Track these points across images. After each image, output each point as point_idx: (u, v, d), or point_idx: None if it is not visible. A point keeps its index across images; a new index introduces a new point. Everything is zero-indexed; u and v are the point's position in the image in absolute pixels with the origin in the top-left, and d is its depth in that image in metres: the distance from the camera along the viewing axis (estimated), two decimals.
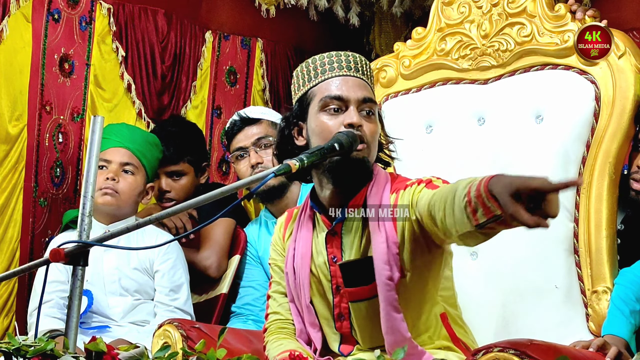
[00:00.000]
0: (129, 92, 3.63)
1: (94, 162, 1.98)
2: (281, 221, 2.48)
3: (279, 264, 2.42)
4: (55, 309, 2.97)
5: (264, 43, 4.16)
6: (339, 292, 2.29)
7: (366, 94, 2.28)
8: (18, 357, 1.74)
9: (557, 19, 2.74)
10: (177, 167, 3.42)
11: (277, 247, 2.45)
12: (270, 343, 2.36)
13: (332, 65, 2.30)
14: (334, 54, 2.32)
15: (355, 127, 2.22)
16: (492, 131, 2.80)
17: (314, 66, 2.32)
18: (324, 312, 2.33)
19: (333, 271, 2.29)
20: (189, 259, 3.24)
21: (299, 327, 2.35)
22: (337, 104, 2.25)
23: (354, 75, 2.29)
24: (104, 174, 3.06)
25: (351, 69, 2.30)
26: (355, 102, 2.25)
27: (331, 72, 2.29)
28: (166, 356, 1.77)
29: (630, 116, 2.60)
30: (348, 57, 2.32)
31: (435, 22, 2.97)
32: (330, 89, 2.27)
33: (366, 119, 2.26)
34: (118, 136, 3.14)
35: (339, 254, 2.29)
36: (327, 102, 2.26)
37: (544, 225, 1.66)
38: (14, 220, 3.29)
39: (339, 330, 2.32)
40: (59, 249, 1.86)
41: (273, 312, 2.41)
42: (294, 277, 2.34)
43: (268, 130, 3.28)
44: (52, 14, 3.39)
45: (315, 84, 2.30)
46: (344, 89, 2.26)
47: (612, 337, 2.35)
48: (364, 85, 2.30)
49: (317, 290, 2.32)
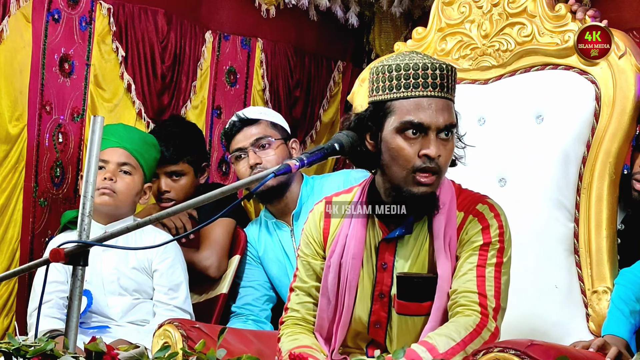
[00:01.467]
0: (129, 92, 3.62)
1: (94, 162, 1.98)
2: (320, 210, 2.35)
3: (310, 260, 2.34)
4: (54, 309, 2.97)
5: (264, 43, 4.16)
6: (380, 300, 2.24)
7: (449, 120, 2.15)
8: (18, 357, 1.74)
9: (557, 19, 2.74)
10: (177, 167, 3.42)
11: (310, 241, 2.35)
12: (285, 336, 2.30)
13: (417, 81, 2.14)
14: (420, 64, 2.15)
15: (431, 158, 2.14)
16: (492, 131, 2.80)
17: (397, 74, 2.16)
18: (358, 316, 2.27)
19: (380, 277, 2.24)
20: (189, 259, 3.24)
21: (321, 322, 2.30)
22: (417, 129, 2.15)
23: (439, 95, 2.15)
24: (102, 174, 3.06)
25: (436, 86, 2.15)
26: (436, 129, 2.15)
27: (415, 90, 2.14)
28: (166, 356, 1.77)
29: (630, 116, 2.61)
30: (435, 70, 2.15)
31: (436, 22, 2.97)
32: (411, 112, 2.14)
33: (444, 143, 2.16)
34: (115, 136, 3.13)
35: (391, 262, 2.24)
36: (406, 126, 2.14)
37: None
38: (14, 220, 3.28)
39: (371, 336, 2.27)
40: (59, 249, 1.86)
41: (293, 308, 2.35)
42: (338, 274, 2.26)
43: (267, 130, 3.27)
44: (52, 14, 3.38)
45: (397, 97, 2.16)
46: (428, 114, 2.13)
47: (612, 337, 2.35)
48: (447, 107, 2.16)
49: (358, 292, 2.26)
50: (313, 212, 2.38)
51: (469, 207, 2.24)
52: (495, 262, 2.19)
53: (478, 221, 2.21)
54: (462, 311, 2.13)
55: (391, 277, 2.23)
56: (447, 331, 2.09)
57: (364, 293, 2.26)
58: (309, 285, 2.34)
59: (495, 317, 2.14)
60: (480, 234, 2.20)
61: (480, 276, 2.17)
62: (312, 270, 2.33)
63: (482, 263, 2.18)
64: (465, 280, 2.17)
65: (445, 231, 2.20)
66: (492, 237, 2.20)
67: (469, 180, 2.75)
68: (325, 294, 2.29)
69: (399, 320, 2.23)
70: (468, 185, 2.71)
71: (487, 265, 2.18)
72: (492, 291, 2.16)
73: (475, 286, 2.15)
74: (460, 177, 2.76)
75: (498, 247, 2.20)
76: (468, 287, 2.15)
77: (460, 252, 2.21)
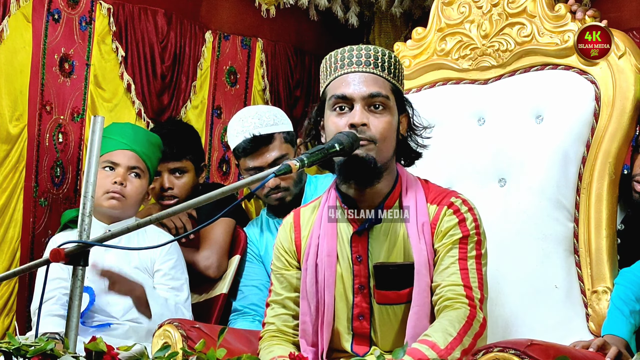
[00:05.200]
0: (129, 92, 3.63)
1: (94, 162, 1.98)
2: (289, 221, 2.44)
3: (283, 272, 2.39)
4: (58, 306, 2.98)
5: (264, 43, 4.16)
6: (361, 292, 2.28)
7: (373, 89, 2.25)
8: (18, 357, 1.74)
9: (557, 19, 2.74)
10: (180, 164, 3.41)
11: (282, 253, 2.41)
12: (262, 350, 2.35)
13: (342, 62, 2.28)
14: (347, 49, 2.30)
15: (357, 126, 2.21)
16: (492, 131, 2.80)
17: (330, 62, 2.31)
18: (341, 311, 2.31)
19: (357, 270, 2.28)
20: (189, 259, 3.24)
21: (304, 327, 2.33)
22: (343, 103, 2.25)
23: (363, 70, 2.26)
24: (111, 176, 3.07)
25: (361, 63, 2.27)
26: (360, 99, 2.24)
27: (341, 70, 2.28)
28: (166, 356, 1.77)
29: (630, 116, 2.61)
30: (360, 51, 2.28)
31: (435, 22, 2.97)
32: (338, 88, 2.26)
33: (375, 114, 2.24)
34: (125, 138, 3.13)
35: (365, 254, 2.28)
36: (334, 101, 2.26)
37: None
38: (14, 220, 3.29)
39: (356, 330, 2.30)
40: (59, 249, 1.87)
41: (268, 322, 2.40)
42: (315, 274, 2.31)
43: (282, 147, 3.20)
44: (52, 14, 3.39)
45: (329, 81, 2.30)
46: (349, 87, 2.25)
47: (612, 337, 2.35)
48: (373, 79, 2.26)
49: (337, 288, 2.30)
50: (283, 225, 2.45)
51: (441, 200, 2.30)
52: (475, 255, 2.26)
53: (453, 213, 2.28)
54: (451, 305, 2.19)
55: (367, 269, 2.28)
56: (442, 326, 2.13)
57: (345, 288, 2.30)
58: (282, 297, 2.38)
59: (482, 308, 2.21)
60: (458, 227, 2.26)
61: (463, 269, 2.23)
62: (287, 282, 2.38)
63: (463, 256, 2.25)
64: (449, 273, 2.22)
65: (417, 217, 2.26)
66: (470, 229, 2.27)
67: (469, 180, 2.76)
68: (305, 297, 2.33)
69: (380, 311, 2.27)
70: (468, 185, 2.72)
71: (469, 258, 2.25)
72: (475, 283, 2.22)
73: (459, 279, 2.22)
74: (460, 177, 2.77)
75: (476, 240, 2.27)
76: (453, 280, 2.21)
77: (439, 246, 2.26)
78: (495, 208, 2.68)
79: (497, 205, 2.70)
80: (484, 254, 2.29)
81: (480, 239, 2.28)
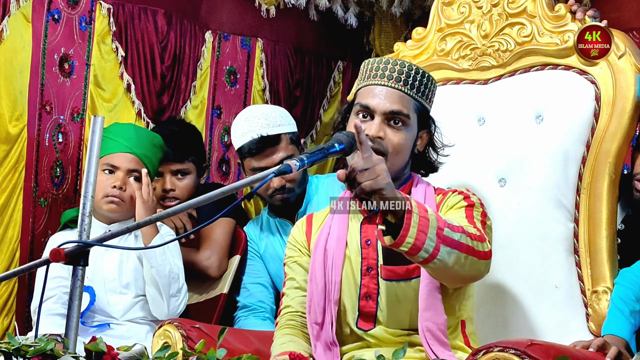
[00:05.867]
0: (129, 92, 3.62)
1: (94, 162, 1.98)
2: (302, 221, 2.53)
3: (297, 259, 2.46)
4: (58, 304, 2.99)
5: (264, 43, 4.15)
6: (368, 273, 2.34)
7: (395, 107, 2.35)
8: (18, 357, 1.74)
9: (557, 19, 2.74)
10: (183, 166, 3.41)
11: (294, 244, 2.49)
12: (276, 339, 2.39)
13: (375, 72, 2.39)
14: (383, 60, 2.40)
15: (372, 139, 2.29)
16: (492, 131, 2.80)
17: (367, 68, 2.42)
18: (348, 291, 2.36)
19: (365, 253, 2.35)
20: (189, 259, 3.24)
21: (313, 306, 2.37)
22: (366, 112, 2.36)
23: (391, 85, 2.37)
24: (111, 179, 3.07)
25: (392, 78, 2.37)
26: (381, 113, 2.34)
27: (373, 80, 2.38)
28: (166, 356, 1.77)
29: (630, 116, 2.61)
30: (395, 65, 2.38)
31: (435, 22, 2.97)
32: (365, 96, 2.38)
33: (392, 128, 2.34)
34: (125, 139, 3.13)
35: (374, 238, 2.34)
36: (359, 108, 2.38)
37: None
38: (14, 220, 3.28)
39: (362, 310, 2.34)
40: (59, 249, 1.86)
41: (286, 305, 2.45)
42: (324, 256, 2.38)
43: (287, 148, 3.19)
44: (52, 14, 3.38)
45: (362, 86, 2.41)
46: (374, 99, 2.36)
47: (612, 337, 2.35)
48: (399, 97, 2.36)
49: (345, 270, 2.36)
50: (296, 224, 2.54)
51: (447, 192, 2.41)
52: (481, 220, 2.30)
53: (459, 194, 2.37)
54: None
55: (376, 251, 2.35)
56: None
57: (353, 270, 2.35)
58: (298, 280, 2.45)
59: (490, 245, 2.22)
60: (463, 200, 2.34)
61: (470, 219, 2.27)
62: (300, 267, 2.46)
63: (470, 214, 2.29)
64: (457, 217, 2.26)
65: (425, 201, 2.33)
66: (475, 201, 2.34)
67: (469, 180, 2.76)
68: (313, 279, 2.39)
69: (387, 289, 2.31)
70: (468, 185, 2.72)
71: (475, 218, 2.28)
72: (483, 232, 2.24)
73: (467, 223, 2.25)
74: (460, 177, 2.77)
75: (481, 211, 2.32)
76: (461, 222, 2.22)
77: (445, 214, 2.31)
78: (496, 208, 2.68)
79: (497, 205, 2.70)
80: (489, 227, 2.34)
81: (485, 212, 2.34)
